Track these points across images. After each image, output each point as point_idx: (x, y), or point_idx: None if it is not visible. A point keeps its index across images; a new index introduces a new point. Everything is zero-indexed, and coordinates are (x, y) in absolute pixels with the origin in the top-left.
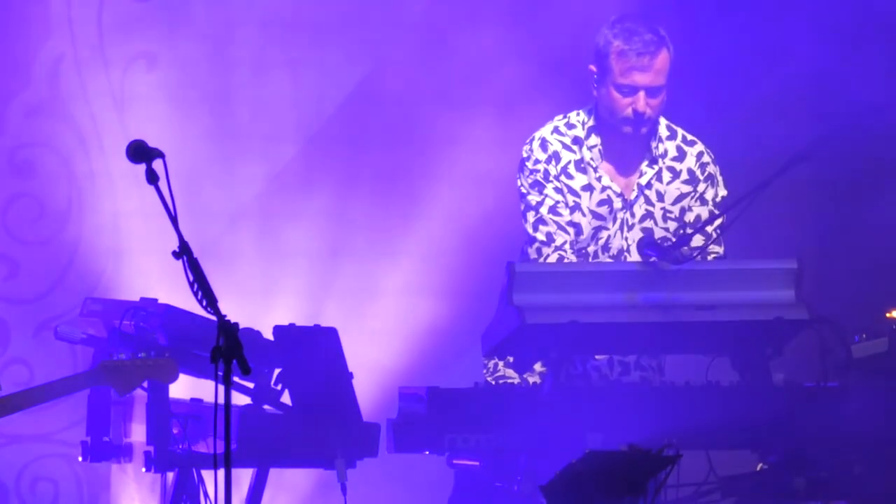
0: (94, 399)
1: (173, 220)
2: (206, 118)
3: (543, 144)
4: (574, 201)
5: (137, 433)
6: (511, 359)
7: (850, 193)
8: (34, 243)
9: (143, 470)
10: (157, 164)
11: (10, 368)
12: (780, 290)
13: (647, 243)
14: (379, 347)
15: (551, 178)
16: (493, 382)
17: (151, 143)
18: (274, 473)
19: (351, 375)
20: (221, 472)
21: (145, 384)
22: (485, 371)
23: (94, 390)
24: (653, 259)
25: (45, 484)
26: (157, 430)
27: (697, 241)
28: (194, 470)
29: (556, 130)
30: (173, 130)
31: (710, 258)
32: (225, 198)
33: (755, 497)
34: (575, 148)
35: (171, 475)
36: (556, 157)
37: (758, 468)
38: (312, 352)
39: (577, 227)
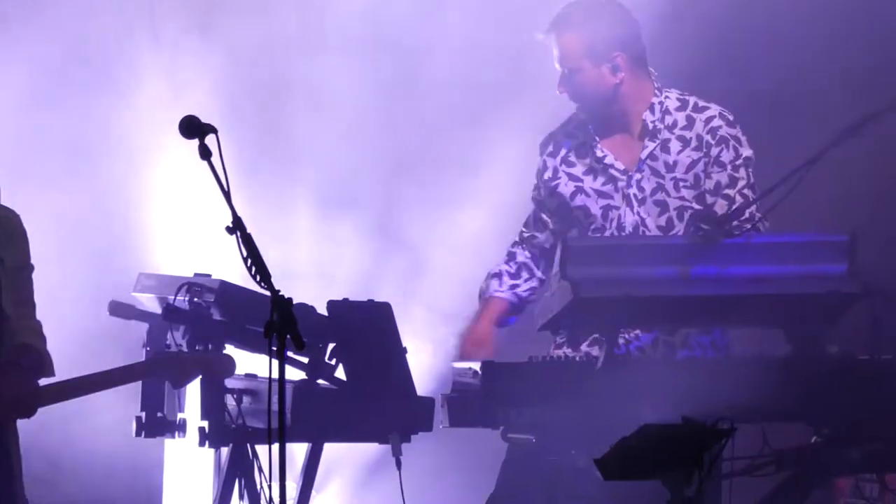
0: (156, 368)
1: (226, 195)
2: (259, 96)
3: (546, 141)
4: (576, 186)
5: (191, 408)
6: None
7: None
8: (89, 218)
9: (198, 445)
10: (210, 140)
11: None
12: (833, 264)
13: (701, 217)
14: (433, 323)
15: (544, 177)
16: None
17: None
18: (328, 448)
19: (405, 350)
20: (276, 447)
21: None
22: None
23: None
24: (704, 231)
25: (99, 459)
26: (211, 406)
27: (747, 215)
28: (248, 445)
29: (567, 119)
30: (225, 107)
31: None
32: (279, 175)
33: (809, 469)
34: (577, 132)
35: (224, 450)
36: (555, 148)
37: (812, 441)
38: (366, 326)
39: (585, 211)
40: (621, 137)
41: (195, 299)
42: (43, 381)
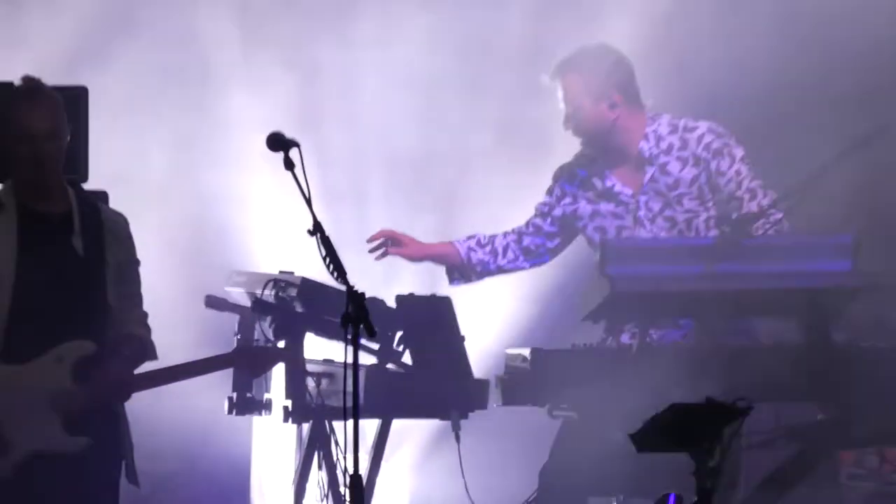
0: (242, 357)
1: (308, 202)
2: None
3: (561, 170)
4: (592, 209)
5: (276, 389)
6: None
7: None
8: (189, 221)
9: (282, 421)
10: (293, 153)
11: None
12: (838, 261)
13: (724, 221)
14: (488, 313)
15: (563, 201)
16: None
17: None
18: (396, 424)
19: (462, 338)
20: (350, 423)
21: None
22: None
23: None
24: (726, 233)
25: (194, 435)
26: (294, 387)
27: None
28: (326, 421)
29: (580, 152)
30: (297, 112)
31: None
32: (349, 177)
33: (817, 444)
34: (588, 164)
35: (306, 426)
36: (571, 177)
37: (818, 418)
38: (429, 317)
39: (602, 230)
40: (625, 167)
41: (280, 294)
42: (146, 366)
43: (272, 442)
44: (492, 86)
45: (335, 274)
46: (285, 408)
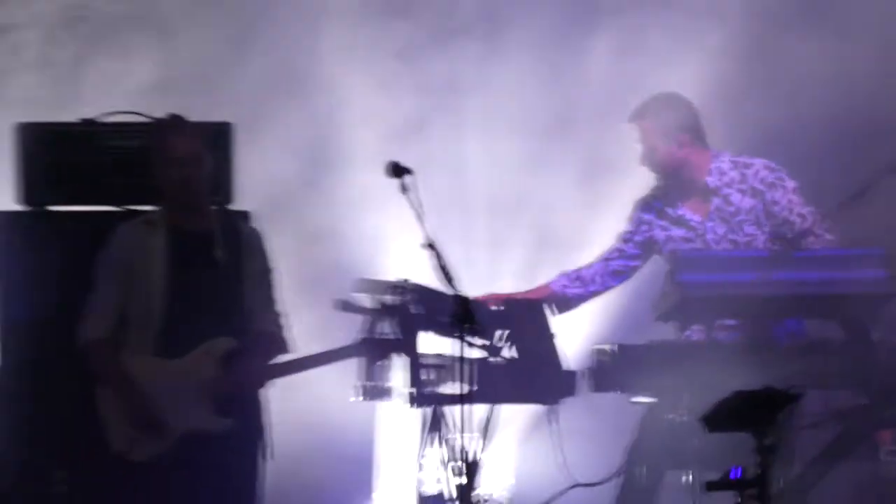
0: (367, 349)
1: (420, 220)
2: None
3: (639, 202)
4: (666, 235)
5: (396, 379)
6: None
7: None
8: (323, 233)
9: (409, 406)
10: (408, 178)
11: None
12: (875, 270)
13: (779, 236)
14: (574, 315)
15: (641, 227)
16: None
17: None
18: (501, 408)
19: (554, 335)
20: (463, 408)
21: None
22: None
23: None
24: (780, 246)
25: (321, 418)
26: (415, 376)
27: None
28: (442, 406)
29: (655, 186)
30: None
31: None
32: (455, 188)
33: (859, 425)
34: (663, 196)
35: (424, 411)
36: (648, 207)
37: (860, 403)
38: (526, 318)
39: (665, 246)
40: (694, 198)
41: (399, 298)
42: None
43: (394, 424)
44: (577, 129)
45: (447, 280)
46: (410, 394)
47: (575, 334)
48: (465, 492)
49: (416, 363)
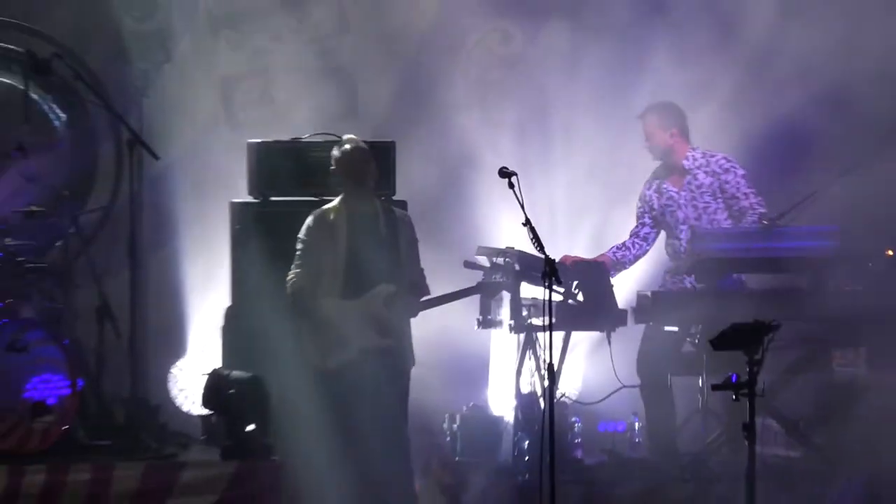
0: (484, 292)
1: (522, 207)
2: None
3: (648, 180)
4: (660, 203)
5: (504, 314)
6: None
7: None
8: (453, 214)
9: (509, 332)
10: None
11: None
12: (831, 241)
13: (761, 217)
14: (628, 274)
15: (647, 199)
16: None
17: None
18: (573, 334)
19: (612, 285)
20: (548, 334)
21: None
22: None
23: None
24: (767, 222)
25: (449, 339)
26: (515, 312)
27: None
28: (534, 332)
29: (654, 168)
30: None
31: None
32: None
33: (819, 345)
34: (657, 174)
35: (521, 336)
36: (650, 184)
37: (819, 331)
38: (592, 273)
39: (668, 212)
40: (674, 175)
41: (507, 259)
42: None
43: (501, 344)
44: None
45: (537, 247)
46: (510, 325)
47: (624, 285)
48: (548, 391)
49: (517, 303)
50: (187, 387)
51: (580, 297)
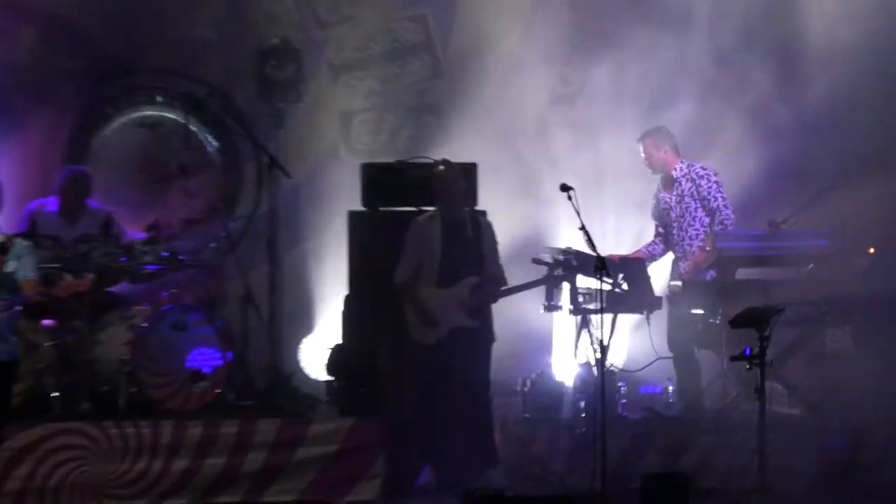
0: (549, 283)
1: (578, 215)
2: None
3: (655, 194)
4: (659, 209)
5: (564, 299)
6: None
7: None
8: (524, 221)
9: (569, 314)
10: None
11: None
12: (822, 241)
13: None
14: (657, 267)
15: (651, 204)
16: None
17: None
18: (619, 316)
19: (650, 276)
20: (601, 316)
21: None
22: None
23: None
24: (770, 226)
25: (521, 319)
26: (574, 298)
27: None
28: (588, 315)
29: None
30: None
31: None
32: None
33: (814, 324)
34: (659, 185)
35: (578, 317)
36: (657, 193)
37: (816, 312)
38: (634, 268)
39: (664, 215)
40: (668, 186)
41: (567, 257)
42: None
43: (561, 325)
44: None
45: (591, 247)
46: (569, 308)
47: (659, 276)
48: (600, 362)
49: (574, 292)
50: (314, 358)
51: (624, 287)
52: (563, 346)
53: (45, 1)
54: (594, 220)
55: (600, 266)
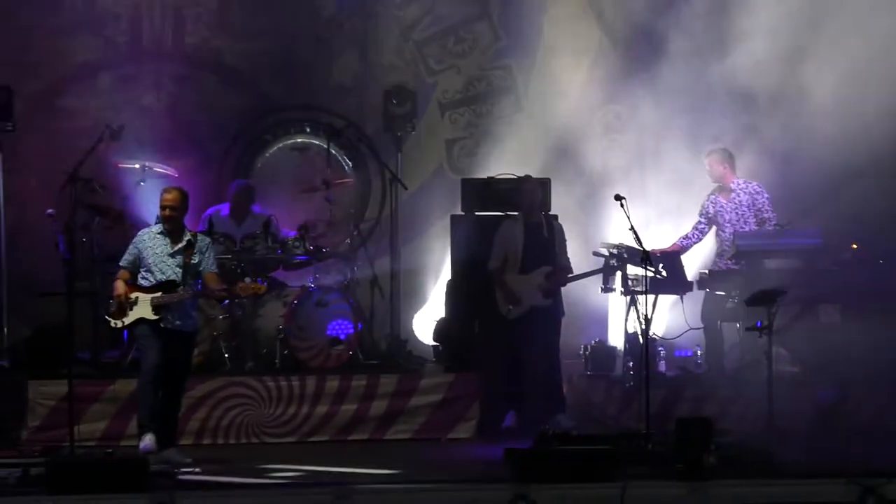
0: (605, 271)
1: (628, 217)
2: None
3: (707, 195)
4: (714, 211)
5: (617, 283)
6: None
7: None
8: (587, 222)
9: (621, 294)
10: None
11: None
12: (817, 238)
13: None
14: (689, 257)
15: (706, 208)
16: None
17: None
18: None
19: (684, 265)
20: (645, 296)
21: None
22: None
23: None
24: (779, 227)
25: (582, 300)
26: (625, 283)
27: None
28: (636, 296)
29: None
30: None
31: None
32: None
33: (811, 302)
34: (713, 192)
35: (628, 297)
36: (709, 198)
37: (812, 293)
38: (672, 259)
39: (720, 218)
40: (724, 193)
41: (619, 250)
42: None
43: (615, 303)
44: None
45: (638, 243)
46: (621, 290)
47: (691, 264)
48: (645, 332)
49: (625, 277)
50: (424, 328)
51: (664, 274)
52: (616, 319)
53: (220, 54)
54: (640, 222)
55: (645, 258)
